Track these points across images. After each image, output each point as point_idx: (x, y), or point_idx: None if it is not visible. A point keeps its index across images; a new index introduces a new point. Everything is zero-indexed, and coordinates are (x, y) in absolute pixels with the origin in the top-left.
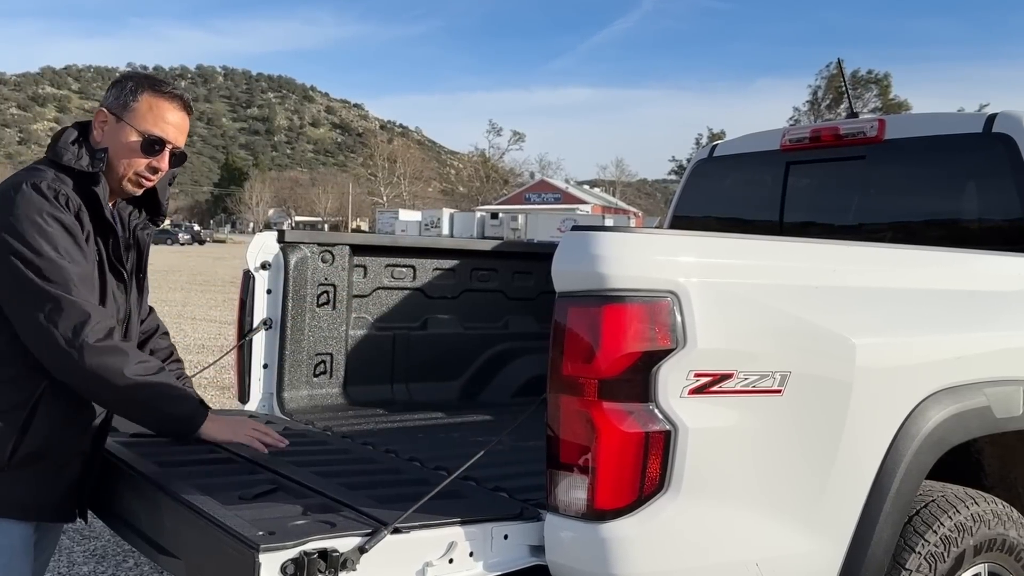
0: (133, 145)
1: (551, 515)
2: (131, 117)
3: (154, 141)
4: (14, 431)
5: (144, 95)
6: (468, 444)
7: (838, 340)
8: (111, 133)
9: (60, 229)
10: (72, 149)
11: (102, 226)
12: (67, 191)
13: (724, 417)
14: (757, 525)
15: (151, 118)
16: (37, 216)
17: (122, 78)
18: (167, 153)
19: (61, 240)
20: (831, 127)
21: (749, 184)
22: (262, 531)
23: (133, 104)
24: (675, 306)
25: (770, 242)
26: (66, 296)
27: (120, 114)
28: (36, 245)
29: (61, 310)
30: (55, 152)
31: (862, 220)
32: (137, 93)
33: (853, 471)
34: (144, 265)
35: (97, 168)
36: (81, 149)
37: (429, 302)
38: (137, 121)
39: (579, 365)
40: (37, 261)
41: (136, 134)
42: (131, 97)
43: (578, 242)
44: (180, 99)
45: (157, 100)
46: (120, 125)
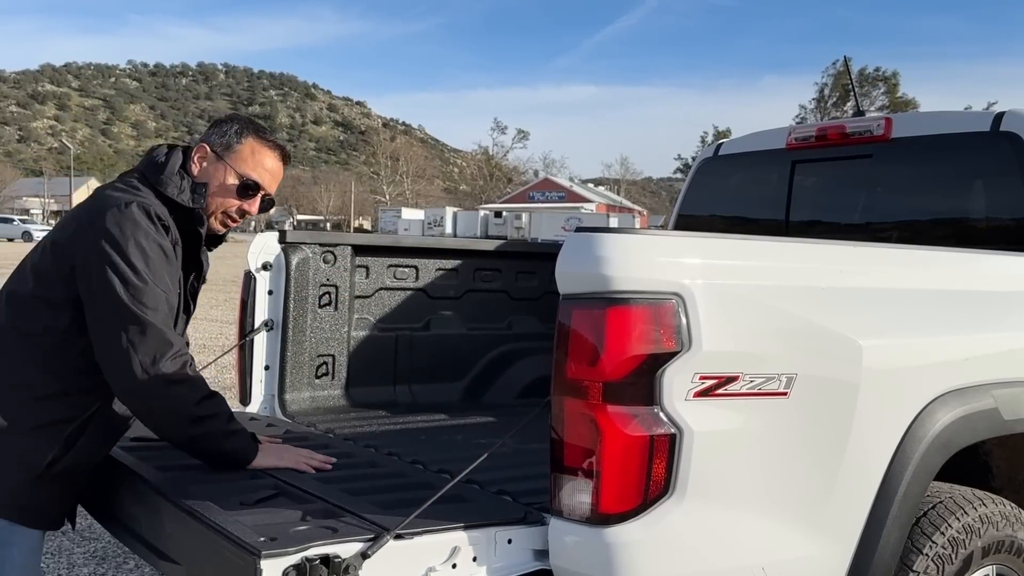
0: (229, 186)
1: (555, 519)
2: (232, 158)
3: (251, 185)
4: (56, 444)
5: (248, 139)
6: (471, 447)
7: (845, 342)
8: (209, 170)
9: (161, 256)
10: (175, 180)
11: (193, 263)
12: (171, 223)
13: (730, 420)
14: (763, 529)
15: (251, 163)
16: (143, 239)
17: (228, 119)
18: (259, 198)
19: (160, 267)
20: (837, 125)
21: (755, 183)
22: (263, 537)
23: (236, 146)
24: (680, 308)
25: (776, 242)
26: (153, 323)
27: (222, 153)
28: (137, 266)
29: (145, 335)
30: (158, 180)
31: (869, 219)
32: (242, 136)
33: (860, 473)
34: (199, 288)
35: (198, 205)
36: (184, 181)
37: (432, 303)
38: (237, 163)
39: (583, 367)
40: (135, 281)
41: (234, 176)
42: (235, 139)
43: (582, 243)
44: (282, 149)
45: (260, 146)
46: (219, 164)
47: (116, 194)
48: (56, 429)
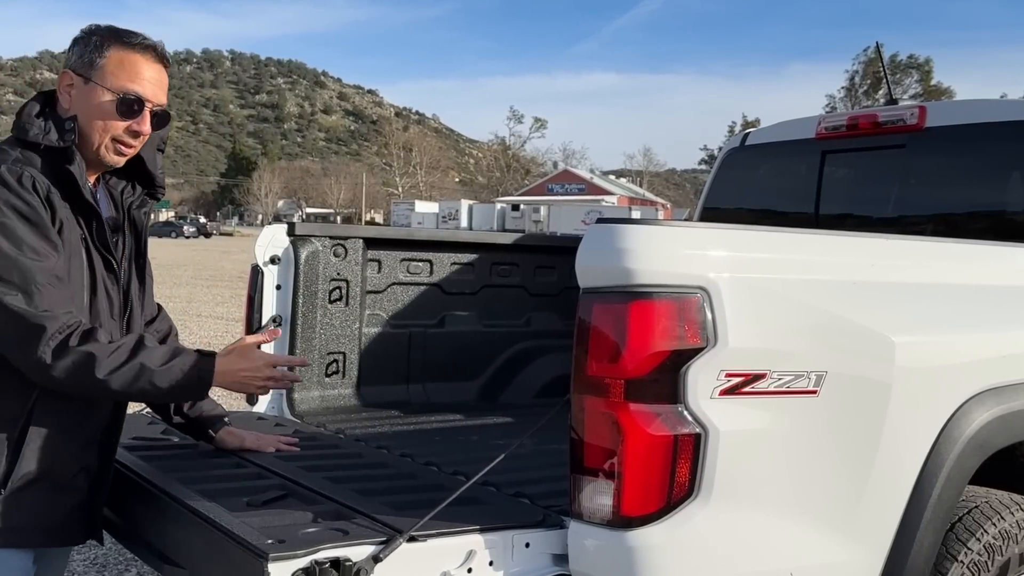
0: (107, 107)
1: (575, 522)
2: (100, 76)
3: (131, 101)
4: (5, 451)
5: (112, 50)
6: (488, 447)
7: (877, 338)
8: (80, 98)
9: (21, 221)
10: (37, 123)
11: (83, 208)
12: (32, 172)
13: (756, 419)
14: (791, 533)
15: (123, 75)
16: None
17: (85, 33)
18: (147, 113)
19: (22, 234)
20: (869, 114)
21: (783, 174)
22: (271, 539)
23: (100, 61)
24: (705, 303)
25: (805, 235)
26: (21, 307)
27: (87, 74)
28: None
29: (16, 323)
30: (19, 128)
31: (902, 212)
32: (104, 48)
33: (892, 476)
34: (143, 248)
35: (68, 141)
36: (47, 122)
37: (447, 298)
38: (108, 80)
39: (604, 365)
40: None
41: (109, 95)
42: (97, 53)
43: (603, 235)
44: (153, 50)
45: (128, 54)
46: (89, 87)
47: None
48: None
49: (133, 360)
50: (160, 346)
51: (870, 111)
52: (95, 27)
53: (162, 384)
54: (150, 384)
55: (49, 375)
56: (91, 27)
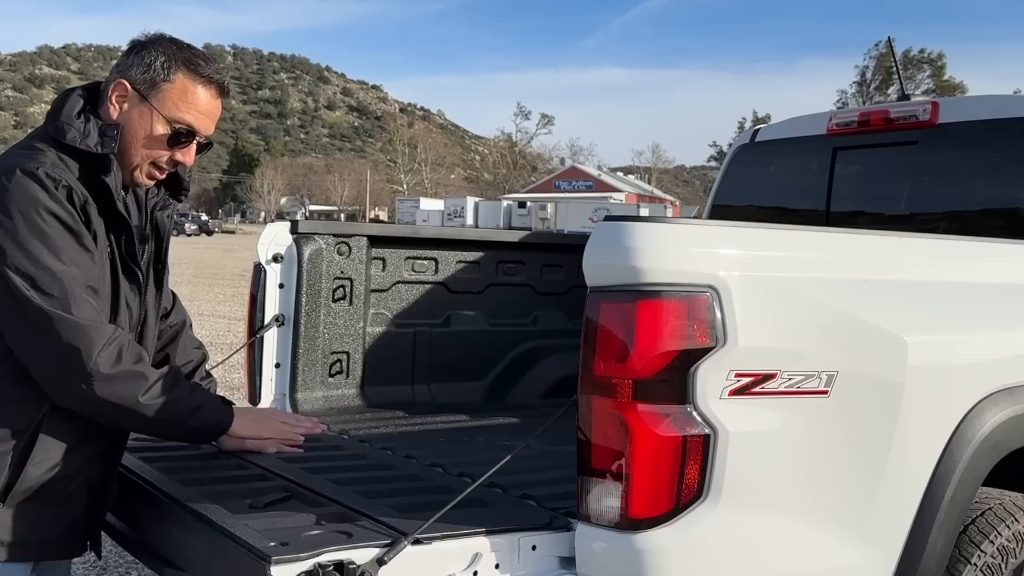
0: (157, 132)
1: (582, 524)
2: (159, 99)
3: (184, 132)
4: (7, 464)
5: (179, 76)
6: (494, 449)
7: (889, 338)
8: (131, 113)
9: (60, 228)
10: (77, 124)
11: (114, 220)
12: (70, 179)
13: (767, 420)
14: (802, 535)
15: (183, 104)
16: (33, 212)
17: (151, 46)
18: (194, 145)
19: (63, 243)
20: (881, 110)
21: (794, 171)
22: (274, 542)
23: (164, 85)
24: (715, 301)
25: (816, 233)
26: (66, 316)
27: (146, 93)
28: (32, 249)
29: (60, 332)
30: (56, 128)
31: (914, 209)
32: (171, 72)
33: (904, 478)
34: (164, 254)
35: (108, 149)
36: (88, 124)
37: (452, 297)
38: (166, 106)
39: (612, 364)
40: (33, 270)
41: (163, 122)
42: (162, 75)
43: (611, 233)
44: (220, 84)
45: (194, 84)
46: (144, 106)
47: (3, 160)
48: (4, 446)
49: (174, 392)
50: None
51: (882, 107)
52: (164, 43)
53: (184, 425)
54: (176, 420)
55: (93, 390)
56: (159, 41)
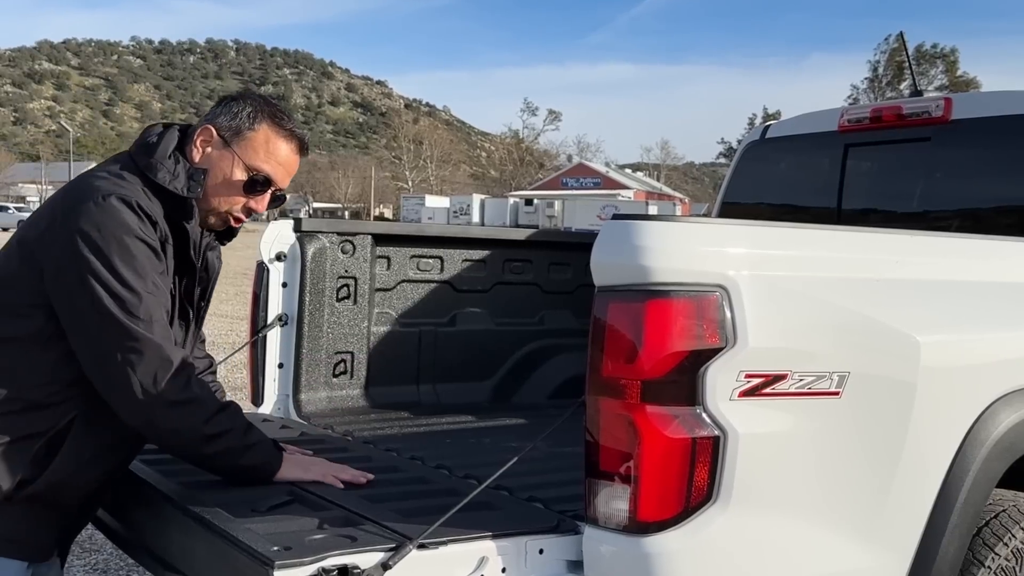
0: (235, 179)
1: (590, 528)
2: (241, 147)
3: (260, 180)
4: (26, 462)
5: (263, 126)
6: (500, 450)
7: (901, 338)
8: (213, 157)
9: (149, 256)
10: (168, 164)
11: (183, 261)
12: (158, 216)
13: (777, 421)
14: (813, 538)
15: (264, 153)
16: (127, 237)
17: (239, 97)
18: (268, 195)
19: (150, 269)
20: (893, 106)
21: (804, 168)
22: (277, 546)
23: (248, 133)
24: (724, 301)
25: (827, 231)
26: (150, 338)
27: (230, 140)
28: (122, 272)
29: (142, 353)
30: (148, 164)
31: (927, 207)
32: (255, 121)
33: (917, 480)
34: (209, 292)
35: (193, 194)
36: (178, 166)
37: (458, 296)
38: (247, 153)
39: (620, 365)
40: (122, 291)
41: (242, 169)
42: (247, 124)
43: (619, 231)
44: (300, 140)
45: (276, 136)
46: (226, 152)
47: (95, 183)
48: (25, 444)
49: (234, 426)
50: (251, 422)
51: (894, 103)
52: (252, 96)
53: (237, 462)
54: (230, 455)
55: (166, 412)
56: (248, 94)
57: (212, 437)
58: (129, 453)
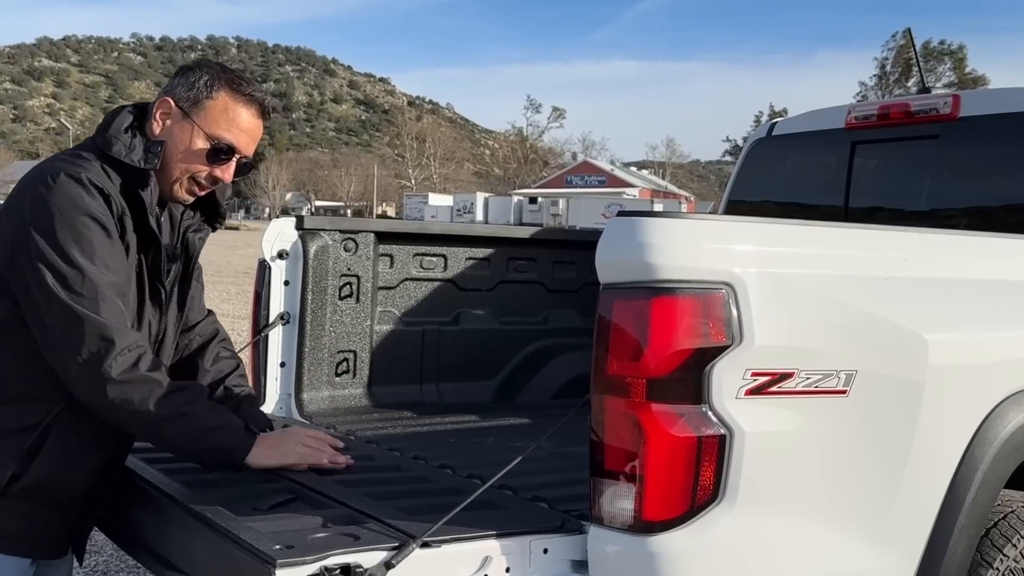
0: (197, 148)
1: (595, 527)
2: (201, 116)
3: (222, 148)
4: (15, 457)
5: (221, 93)
6: (504, 450)
7: (909, 336)
8: (173, 129)
9: (100, 232)
10: (124, 138)
11: (144, 235)
12: (111, 189)
13: (784, 420)
14: (820, 538)
15: (224, 121)
16: (73, 213)
17: (196, 67)
18: (233, 163)
19: (98, 246)
20: (901, 103)
21: (811, 166)
22: (279, 545)
23: (207, 101)
24: (730, 299)
25: (834, 229)
26: (92, 316)
27: (189, 110)
28: (67, 250)
29: (84, 332)
30: (104, 139)
31: (935, 205)
32: (213, 89)
33: (925, 479)
34: (190, 274)
35: (150, 164)
36: (135, 139)
37: (462, 295)
38: (207, 122)
39: (625, 363)
40: (65, 269)
41: (203, 137)
42: (205, 93)
43: (624, 229)
44: (261, 104)
45: (235, 102)
46: (186, 122)
47: (49, 164)
48: (14, 439)
49: (191, 406)
50: (217, 405)
51: (902, 100)
52: (209, 64)
53: (199, 444)
54: (189, 437)
55: (105, 391)
56: (204, 62)
57: (167, 418)
58: (120, 445)
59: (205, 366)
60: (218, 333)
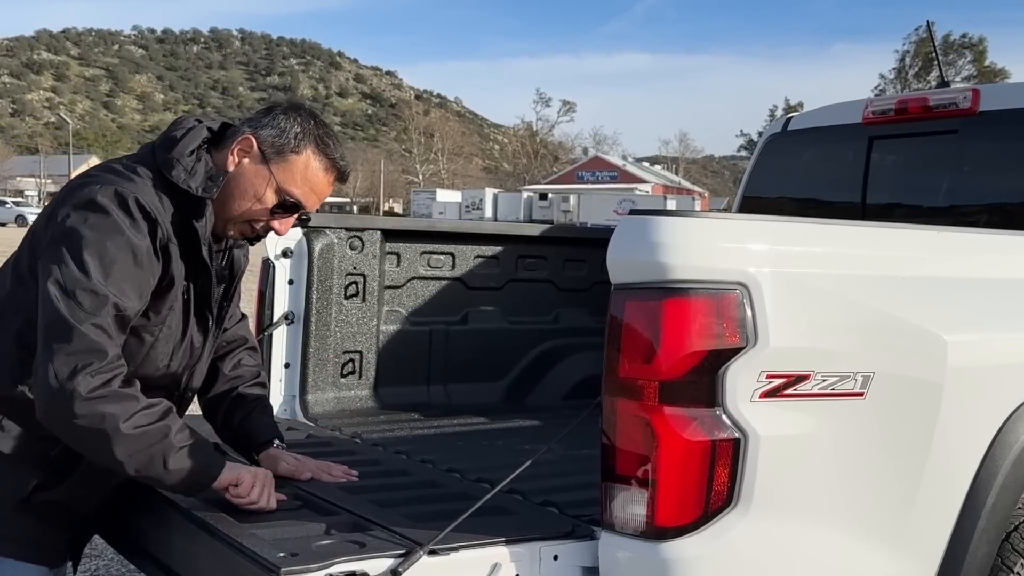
0: (265, 196)
1: (606, 533)
2: (280, 167)
3: (290, 205)
4: (39, 464)
5: (307, 150)
6: (513, 453)
7: (927, 337)
8: (247, 170)
9: (128, 257)
10: (186, 161)
11: (195, 264)
12: (161, 216)
13: (800, 423)
14: (837, 544)
15: (301, 179)
16: (108, 233)
17: (291, 112)
18: (293, 218)
19: (121, 270)
20: (919, 97)
21: (828, 161)
22: (284, 552)
23: (291, 155)
24: (745, 299)
25: (851, 227)
26: (80, 329)
27: (270, 157)
28: (87, 264)
29: (70, 342)
30: (166, 160)
31: (954, 202)
32: (301, 144)
33: (944, 483)
34: (232, 293)
35: (208, 194)
36: (198, 163)
37: (470, 294)
38: (284, 176)
39: (637, 365)
40: (77, 277)
41: (275, 189)
42: (292, 144)
43: (636, 227)
44: (342, 172)
45: (318, 163)
46: (262, 167)
47: (103, 173)
48: (37, 447)
49: (159, 423)
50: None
51: (920, 94)
52: (302, 113)
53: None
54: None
55: (69, 406)
56: (300, 109)
57: (126, 437)
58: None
59: (224, 371)
60: (246, 340)
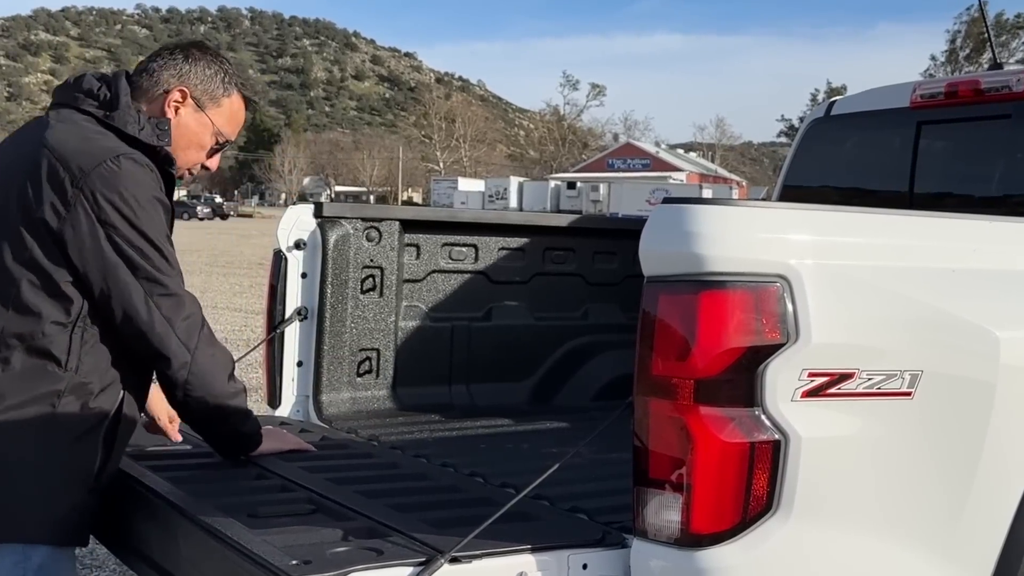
0: (204, 142)
1: (638, 541)
2: (216, 113)
3: (224, 144)
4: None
5: (236, 94)
6: (540, 457)
7: (979, 333)
8: (186, 120)
9: (161, 213)
10: (132, 115)
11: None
12: (154, 167)
13: (843, 424)
14: (882, 553)
15: (233, 121)
16: (144, 197)
17: (213, 60)
18: (221, 152)
19: (163, 224)
20: (970, 80)
21: (873, 148)
22: (296, 560)
23: (224, 100)
24: (786, 293)
25: (898, 216)
26: (183, 293)
27: (205, 105)
28: (150, 234)
29: (179, 308)
30: (118, 118)
31: (1007, 191)
32: (229, 89)
33: (996, 489)
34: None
35: (164, 142)
36: (141, 116)
37: (494, 288)
38: (220, 120)
39: (672, 363)
40: (152, 253)
41: (212, 133)
42: (223, 90)
43: (670, 217)
44: (254, 103)
45: (240, 101)
46: (198, 116)
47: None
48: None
49: (243, 386)
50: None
51: (971, 77)
52: (222, 58)
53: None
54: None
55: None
56: (217, 54)
57: (235, 393)
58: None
59: None
60: None
